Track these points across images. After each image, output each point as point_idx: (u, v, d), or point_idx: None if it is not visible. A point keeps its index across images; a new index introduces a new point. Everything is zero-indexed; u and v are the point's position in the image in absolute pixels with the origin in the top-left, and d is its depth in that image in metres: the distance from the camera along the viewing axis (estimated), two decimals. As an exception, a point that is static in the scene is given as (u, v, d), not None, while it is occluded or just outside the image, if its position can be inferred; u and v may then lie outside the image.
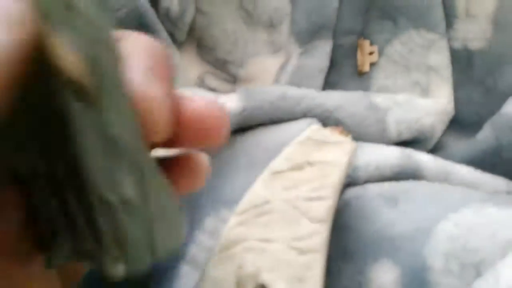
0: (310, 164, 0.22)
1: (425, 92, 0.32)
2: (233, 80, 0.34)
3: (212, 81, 0.33)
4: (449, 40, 0.33)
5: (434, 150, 0.31)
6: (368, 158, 0.24)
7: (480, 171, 0.27)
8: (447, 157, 0.29)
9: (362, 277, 0.21)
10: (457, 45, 0.33)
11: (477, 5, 0.33)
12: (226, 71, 0.34)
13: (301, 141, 0.23)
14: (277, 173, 0.22)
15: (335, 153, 0.23)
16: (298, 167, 0.22)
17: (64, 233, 0.12)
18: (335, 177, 0.22)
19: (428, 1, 0.33)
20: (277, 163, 0.22)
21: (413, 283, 0.20)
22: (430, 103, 0.31)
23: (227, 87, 0.34)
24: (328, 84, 0.34)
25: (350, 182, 0.24)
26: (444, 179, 0.26)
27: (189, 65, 0.33)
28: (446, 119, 0.32)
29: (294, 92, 0.27)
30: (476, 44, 0.33)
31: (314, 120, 0.26)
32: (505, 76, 0.32)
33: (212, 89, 0.33)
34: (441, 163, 0.26)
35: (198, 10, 0.33)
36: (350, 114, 0.27)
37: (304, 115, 0.26)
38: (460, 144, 0.32)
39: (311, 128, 0.24)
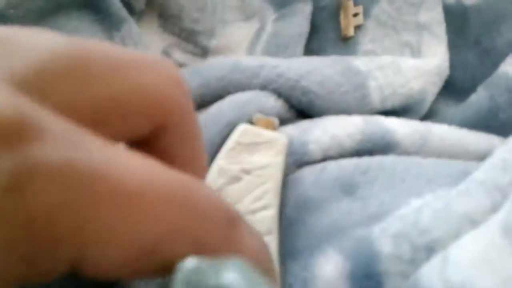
0: (246, 172, 0.21)
1: (416, 53, 0.30)
2: (203, 53, 0.31)
3: (178, 55, 0.30)
4: None
5: (426, 116, 0.29)
6: (324, 130, 0.23)
7: (466, 130, 0.25)
8: (440, 121, 0.28)
9: (308, 272, 0.19)
10: (450, 0, 0.31)
11: None
12: (194, 43, 0.30)
13: (231, 149, 0.22)
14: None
15: (269, 154, 0.22)
16: (235, 179, 0.21)
17: None
18: (274, 181, 0.21)
19: None
20: (212, 179, 0.21)
21: (361, 275, 0.18)
22: (420, 63, 0.28)
23: (197, 60, 0.30)
24: (310, 51, 0.31)
25: (301, 160, 0.23)
26: (421, 144, 0.24)
27: (151, 38, 0.29)
28: (439, 81, 0.29)
29: (250, 62, 0.25)
30: None
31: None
32: (503, 34, 0.30)
33: (180, 64, 0.30)
34: (415, 126, 0.24)
35: (158, -26, 0.29)
36: (320, 81, 0.24)
37: (263, 87, 0.24)
38: (453, 110, 0.29)
39: (238, 131, 0.22)
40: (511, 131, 0.27)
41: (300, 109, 0.25)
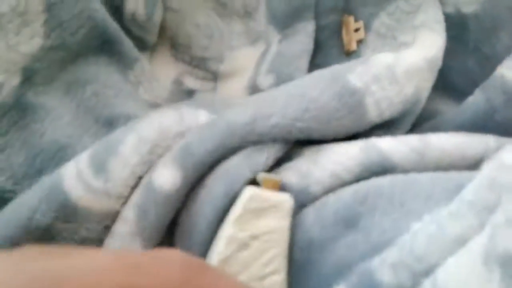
0: (254, 238, 0.21)
1: (411, 49, 0.30)
2: (213, 77, 0.32)
3: (191, 82, 0.32)
4: (442, 6, 0.31)
5: (428, 118, 0.30)
6: (322, 169, 0.24)
7: (464, 133, 0.26)
8: (438, 124, 0.29)
9: None
10: (449, 9, 0.32)
11: None
12: (204, 69, 0.32)
13: (239, 216, 0.22)
14: (225, 260, 0.21)
15: (275, 217, 0.22)
16: (244, 246, 0.21)
17: None
18: (282, 245, 0.22)
19: None
20: (221, 248, 0.21)
21: None
22: (413, 63, 0.28)
23: (207, 85, 0.32)
24: (315, 66, 0.32)
25: (303, 202, 0.23)
26: (419, 159, 0.24)
27: (164, 68, 0.31)
28: (431, 76, 0.29)
29: (240, 119, 0.24)
30: (469, 7, 0.31)
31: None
32: (502, 40, 0.31)
33: (192, 90, 0.32)
34: (411, 142, 0.25)
35: (166, 8, 0.31)
36: (316, 116, 0.24)
37: (258, 142, 0.24)
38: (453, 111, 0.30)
39: (245, 196, 0.22)
40: (507, 132, 0.28)
41: (300, 141, 0.25)
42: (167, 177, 0.22)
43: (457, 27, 0.31)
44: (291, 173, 0.24)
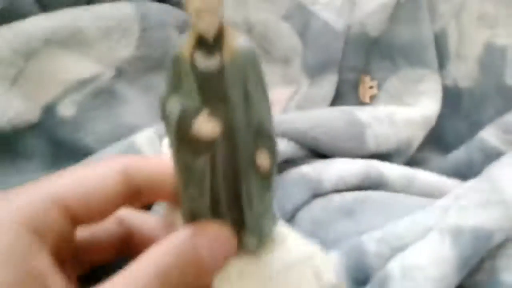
0: None
1: (412, 107, 0.36)
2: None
3: None
4: (442, 78, 0.38)
5: (418, 163, 0.35)
6: (333, 171, 0.29)
7: (445, 177, 0.31)
8: (425, 169, 0.34)
9: None
10: (448, 82, 0.38)
11: (467, 48, 0.38)
12: None
13: None
14: None
15: None
16: None
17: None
18: None
19: (423, 43, 0.37)
20: None
21: (353, 268, 0.23)
22: (411, 114, 0.34)
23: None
24: (333, 111, 0.38)
25: (317, 193, 0.28)
26: (407, 184, 0.30)
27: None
28: (424, 129, 0.35)
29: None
30: (464, 82, 0.38)
31: None
32: (487, 111, 0.37)
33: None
34: (404, 171, 0.31)
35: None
36: (325, 131, 0.30)
37: (281, 137, 0.29)
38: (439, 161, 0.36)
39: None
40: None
41: (311, 149, 0.31)
42: None
43: (453, 97, 0.38)
44: (310, 168, 0.30)
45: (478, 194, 0.24)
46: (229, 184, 0.17)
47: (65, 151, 0.29)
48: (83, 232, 0.19)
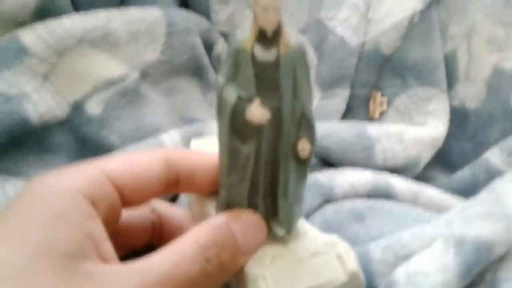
0: None
1: (421, 127, 0.37)
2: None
3: None
4: (450, 99, 0.39)
5: (424, 181, 0.36)
6: (344, 179, 0.31)
7: (450, 195, 0.32)
8: (433, 187, 0.34)
9: None
10: (456, 103, 0.39)
11: (476, 71, 0.39)
12: None
13: None
14: None
15: None
16: None
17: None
18: None
19: (433, 63, 0.39)
20: None
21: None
22: (419, 135, 0.35)
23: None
24: (344, 124, 0.40)
25: (328, 198, 0.30)
26: (414, 198, 0.31)
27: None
28: (432, 149, 0.36)
29: None
30: (472, 103, 0.39)
31: None
32: (493, 132, 0.38)
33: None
34: (411, 185, 0.32)
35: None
36: (336, 141, 0.32)
37: None
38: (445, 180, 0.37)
39: None
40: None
41: (322, 158, 0.33)
42: None
43: (460, 118, 0.39)
44: (322, 175, 0.31)
45: (481, 206, 0.25)
46: (268, 171, 0.19)
47: (89, 147, 0.30)
48: (122, 214, 0.20)
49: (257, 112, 0.17)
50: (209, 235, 0.18)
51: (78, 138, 0.30)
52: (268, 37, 0.17)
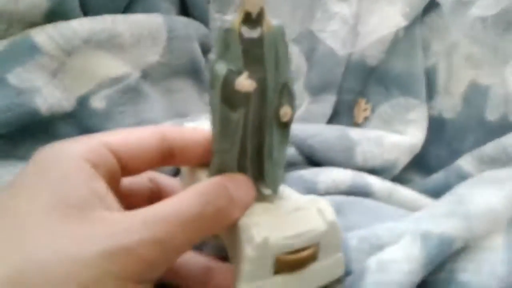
0: None
1: (401, 134, 0.39)
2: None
3: None
4: (429, 109, 0.41)
5: (401, 183, 0.38)
6: (327, 175, 0.33)
7: (423, 196, 0.35)
8: (409, 189, 0.37)
9: None
10: (434, 113, 0.41)
11: (454, 84, 0.41)
12: None
13: None
14: None
15: None
16: None
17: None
18: None
19: (415, 76, 0.41)
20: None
21: None
22: (398, 141, 0.38)
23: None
24: (329, 128, 0.42)
25: (311, 193, 0.31)
26: (388, 196, 0.34)
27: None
28: (409, 154, 0.38)
29: None
30: (449, 114, 0.41)
31: None
32: (467, 141, 0.40)
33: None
34: (386, 184, 0.34)
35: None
36: (321, 141, 0.35)
37: None
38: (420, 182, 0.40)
39: None
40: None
41: (307, 157, 0.35)
42: None
43: (438, 126, 0.41)
44: (307, 171, 0.33)
45: (446, 206, 0.28)
46: (255, 137, 0.22)
47: None
48: (122, 181, 0.22)
49: (245, 82, 0.20)
50: (207, 186, 0.20)
51: (83, 130, 0.32)
52: (253, 19, 0.19)
